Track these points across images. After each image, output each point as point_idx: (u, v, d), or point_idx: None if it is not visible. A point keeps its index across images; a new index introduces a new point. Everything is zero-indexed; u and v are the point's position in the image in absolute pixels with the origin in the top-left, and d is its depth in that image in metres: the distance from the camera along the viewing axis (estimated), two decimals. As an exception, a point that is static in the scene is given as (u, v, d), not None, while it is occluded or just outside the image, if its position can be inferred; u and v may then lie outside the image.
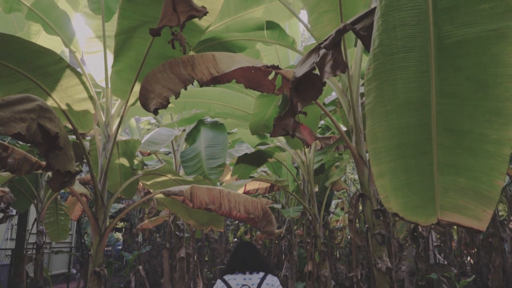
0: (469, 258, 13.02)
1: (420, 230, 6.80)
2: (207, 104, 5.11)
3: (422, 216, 1.58)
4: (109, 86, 3.12)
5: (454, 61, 1.56)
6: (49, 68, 2.57)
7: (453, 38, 1.56)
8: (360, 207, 6.08)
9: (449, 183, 1.56)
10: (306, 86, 2.45)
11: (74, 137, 3.19)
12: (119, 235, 19.14)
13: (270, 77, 2.85)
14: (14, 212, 10.16)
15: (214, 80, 2.50)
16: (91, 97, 2.94)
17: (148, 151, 5.09)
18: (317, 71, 2.30)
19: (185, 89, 2.40)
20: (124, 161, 4.11)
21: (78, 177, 6.74)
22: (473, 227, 1.50)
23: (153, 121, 10.14)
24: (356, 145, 3.15)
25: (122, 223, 16.72)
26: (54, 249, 11.70)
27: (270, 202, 9.43)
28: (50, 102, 2.78)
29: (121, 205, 11.45)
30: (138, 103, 2.63)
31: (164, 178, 4.01)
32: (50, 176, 2.39)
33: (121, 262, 13.56)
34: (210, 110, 5.16)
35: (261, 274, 2.53)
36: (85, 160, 4.51)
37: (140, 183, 4.82)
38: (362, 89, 4.02)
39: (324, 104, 5.07)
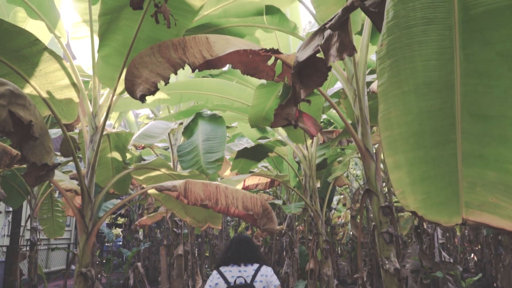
0: (472, 255, 12.85)
1: (425, 227, 6.57)
2: (204, 95, 4.88)
3: (445, 215, 1.35)
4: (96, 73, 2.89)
5: (482, 35, 1.33)
6: (24, 50, 2.33)
7: (481, 7, 1.33)
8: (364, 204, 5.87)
9: (476, 176, 1.33)
10: (310, 72, 2.23)
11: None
12: (119, 231, 19.00)
13: (270, 62, 2.63)
14: (11, 208, 9.98)
15: (208, 64, 2.28)
16: (74, 84, 2.70)
17: (143, 145, 4.89)
18: (321, 55, 2.07)
19: (175, 73, 2.17)
20: (116, 154, 3.89)
21: (71, 172, 6.53)
22: (506, 228, 1.28)
23: (152, 115, 9.93)
24: (362, 137, 2.93)
25: (122, 219, 16.58)
26: (52, 246, 11.56)
27: (271, 198, 9.23)
28: (29, 90, 2.55)
29: (119, 201, 11.26)
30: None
31: (157, 172, 3.80)
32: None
33: (120, 259, 13.45)
34: (208, 102, 4.94)
35: (256, 265, 2.56)
36: (80, 155, 4.30)
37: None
38: (368, 78, 3.79)
39: (327, 95, 4.83)
